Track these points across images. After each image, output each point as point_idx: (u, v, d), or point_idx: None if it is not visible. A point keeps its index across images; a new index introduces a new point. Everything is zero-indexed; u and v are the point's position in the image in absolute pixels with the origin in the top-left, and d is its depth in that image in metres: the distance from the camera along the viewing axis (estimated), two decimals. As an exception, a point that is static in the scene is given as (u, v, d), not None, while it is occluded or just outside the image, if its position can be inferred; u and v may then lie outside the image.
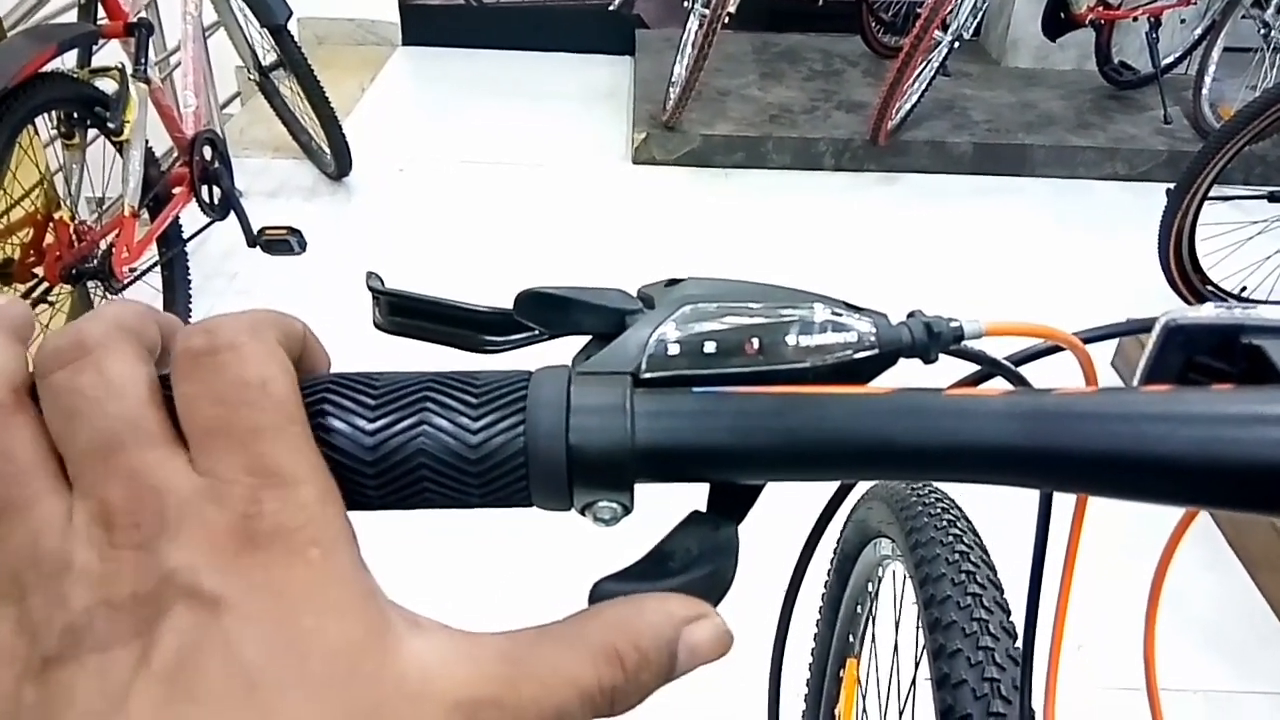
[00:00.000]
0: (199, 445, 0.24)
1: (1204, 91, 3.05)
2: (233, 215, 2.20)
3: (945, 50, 2.86)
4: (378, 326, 0.38)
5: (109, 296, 1.87)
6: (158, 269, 2.02)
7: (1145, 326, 0.37)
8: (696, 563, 0.30)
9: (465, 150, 3.10)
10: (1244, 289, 2.19)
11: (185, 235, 2.10)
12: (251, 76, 2.52)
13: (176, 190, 2.07)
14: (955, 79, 3.26)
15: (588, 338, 0.34)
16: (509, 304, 0.34)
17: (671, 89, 3.03)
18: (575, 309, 0.33)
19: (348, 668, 0.23)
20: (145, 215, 1.95)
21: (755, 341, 0.31)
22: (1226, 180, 2.08)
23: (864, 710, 1.03)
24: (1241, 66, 3.11)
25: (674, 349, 0.31)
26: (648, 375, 0.30)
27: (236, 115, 3.15)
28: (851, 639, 1.10)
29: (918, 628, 0.81)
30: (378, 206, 2.77)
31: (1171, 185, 2.15)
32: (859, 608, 1.08)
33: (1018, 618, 0.75)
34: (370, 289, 0.36)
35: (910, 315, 0.35)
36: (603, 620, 0.27)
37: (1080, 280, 2.55)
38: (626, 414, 0.28)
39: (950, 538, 0.81)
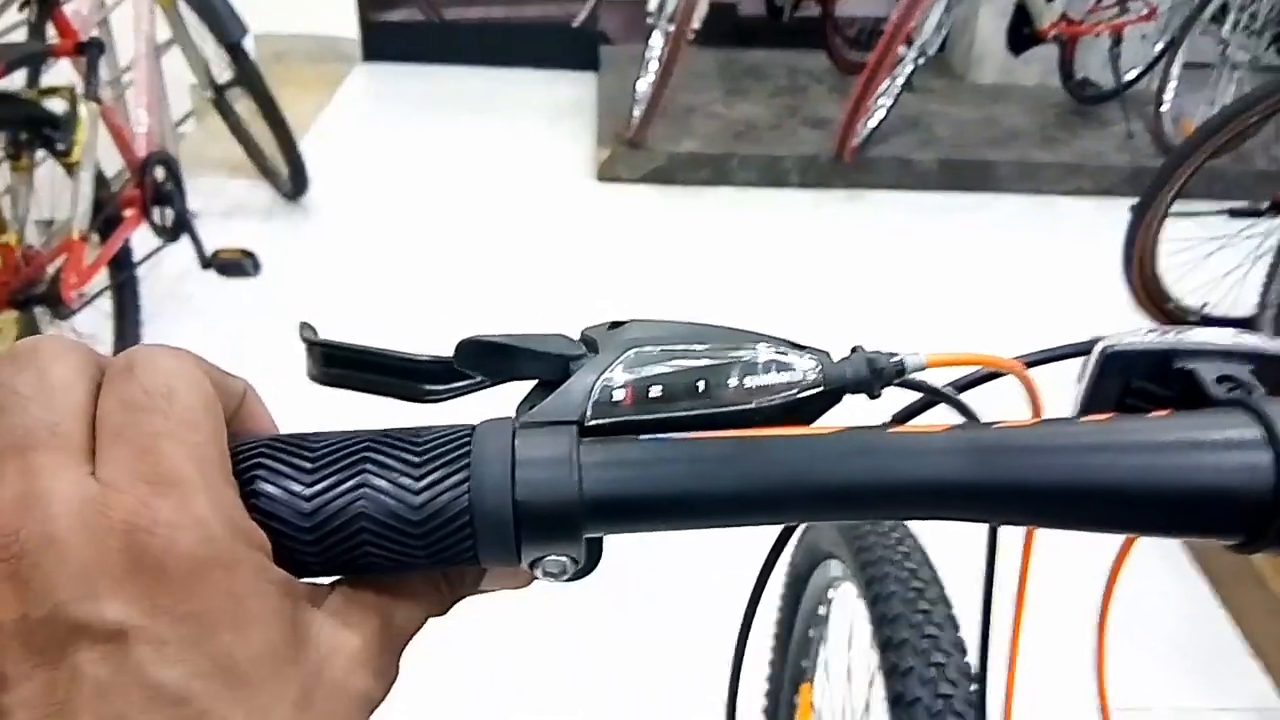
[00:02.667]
0: (101, 452, 0.23)
1: (1165, 107, 3.08)
2: (186, 237, 2.15)
3: (910, 66, 2.86)
4: (312, 378, 0.36)
5: (57, 323, 1.81)
6: (108, 293, 1.96)
7: (1084, 349, 0.38)
8: None
9: (426, 168, 3.06)
10: (1205, 305, 2.20)
11: (136, 259, 2.04)
12: (206, 95, 2.47)
13: (128, 212, 2.01)
14: (920, 94, 3.27)
15: (532, 383, 0.33)
16: (459, 340, 0.33)
17: (636, 106, 3.01)
18: (518, 356, 0.32)
19: (273, 669, 0.23)
20: (95, 238, 1.90)
21: (701, 384, 0.31)
22: (1188, 196, 2.09)
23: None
24: (1202, 82, 3.14)
25: (619, 394, 0.30)
26: (594, 423, 0.30)
27: (191, 133, 3.10)
28: (805, 664, 1.10)
29: (871, 648, 0.81)
30: (335, 227, 2.73)
31: (1135, 202, 2.16)
32: (811, 631, 1.07)
33: (972, 648, 0.74)
34: (304, 340, 0.34)
35: (853, 351, 0.34)
36: None
37: (1046, 297, 2.55)
38: (573, 465, 0.27)
39: (899, 555, 0.81)
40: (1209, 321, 2.19)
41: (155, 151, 2.08)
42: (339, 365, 0.34)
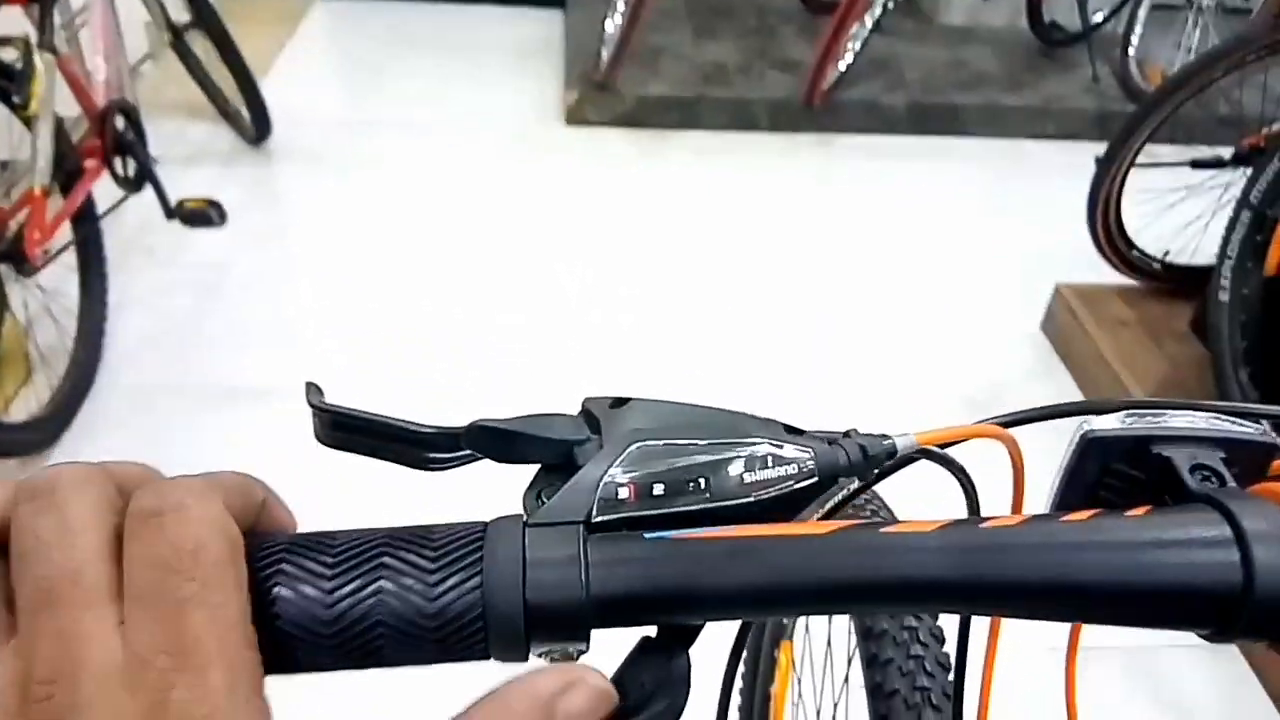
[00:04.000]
0: (130, 611, 0.24)
1: (1131, 51, 3.09)
2: (149, 188, 2.11)
3: (881, 8, 2.84)
4: (319, 440, 0.37)
5: (23, 281, 1.78)
6: (73, 249, 1.93)
7: (1063, 412, 0.41)
8: (652, 699, 0.31)
9: (391, 110, 3.01)
10: (1166, 253, 2.24)
11: (99, 211, 2.00)
12: (164, 38, 2.40)
13: (89, 164, 1.97)
14: (888, 36, 3.25)
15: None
16: (469, 424, 0.34)
17: (604, 47, 2.97)
18: (523, 442, 0.34)
19: None
20: (57, 192, 1.86)
21: (701, 481, 0.32)
22: (1154, 143, 2.11)
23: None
24: (1170, 24, 3.15)
25: (624, 492, 0.32)
26: (600, 519, 0.31)
27: (148, 73, 3.01)
28: (785, 620, 1.12)
29: (850, 634, 0.83)
30: (300, 172, 2.68)
31: (1101, 150, 2.18)
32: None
33: (951, 638, 0.77)
34: (311, 405, 0.35)
35: (845, 435, 0.36)
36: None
37: (1013, 243, 2.58)
38: (580, 565, 0.29)
39: None
40: (1170, 269, 2.23)
41: (115, 100, 2.03)
42: (345, 430, 0.35)
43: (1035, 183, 2.88)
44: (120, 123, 2.04)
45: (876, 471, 0.36)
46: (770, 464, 0.33)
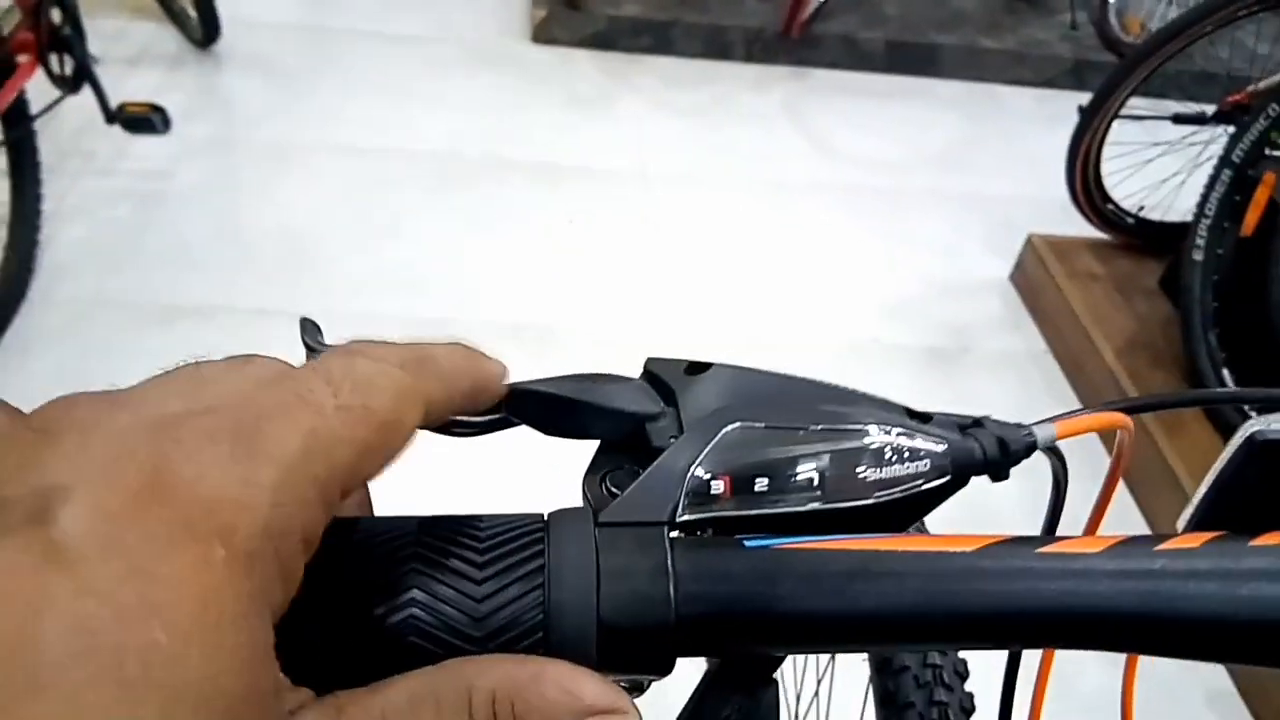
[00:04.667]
0: None
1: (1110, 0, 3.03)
2: (87, 88, 1.97)
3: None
4: None
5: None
6: (3, 151, 1.80)
7: (1208, 399, 0.35)
8: None
9: (347, 17, 2.86)
10: (1140, 209, 2.21)
11: (33, 111, 1.87)
12: (104, -75, 2.24)
13: (21, 59, 1.82)
14: (869, -32, 3.15)
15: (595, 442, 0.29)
16: (510, 385, 0.28)
17: (576, -37, 2.84)
18: (584, 413, 0.28)
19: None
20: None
21: (814, 477, 0.26)
22: (1138, 96, 2.07)
23: None
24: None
25: (717, 486, 0.26)
26: (686, 518, 0.25)
27: (87, -36, 2.82)
28: None
29: None
30: (250, 80, 2.54)
31: (1078, 98, 2.14)
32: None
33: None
34: (306, 346, 0.29)
35: (976, 424, 0.30)
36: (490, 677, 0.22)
37: (985, 190, 2.55)
38: (669, 578, 0.23)
39: None
40: (1143, 225, 2.21)
41: (50, -10, 1.88)
42: None
43: (1009, 129, 2.84)
44: (56, 15, 1.89)
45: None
46: (898, 458, 0.27)
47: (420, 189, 2.24)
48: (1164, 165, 2.16)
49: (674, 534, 0.25)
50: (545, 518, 0.25)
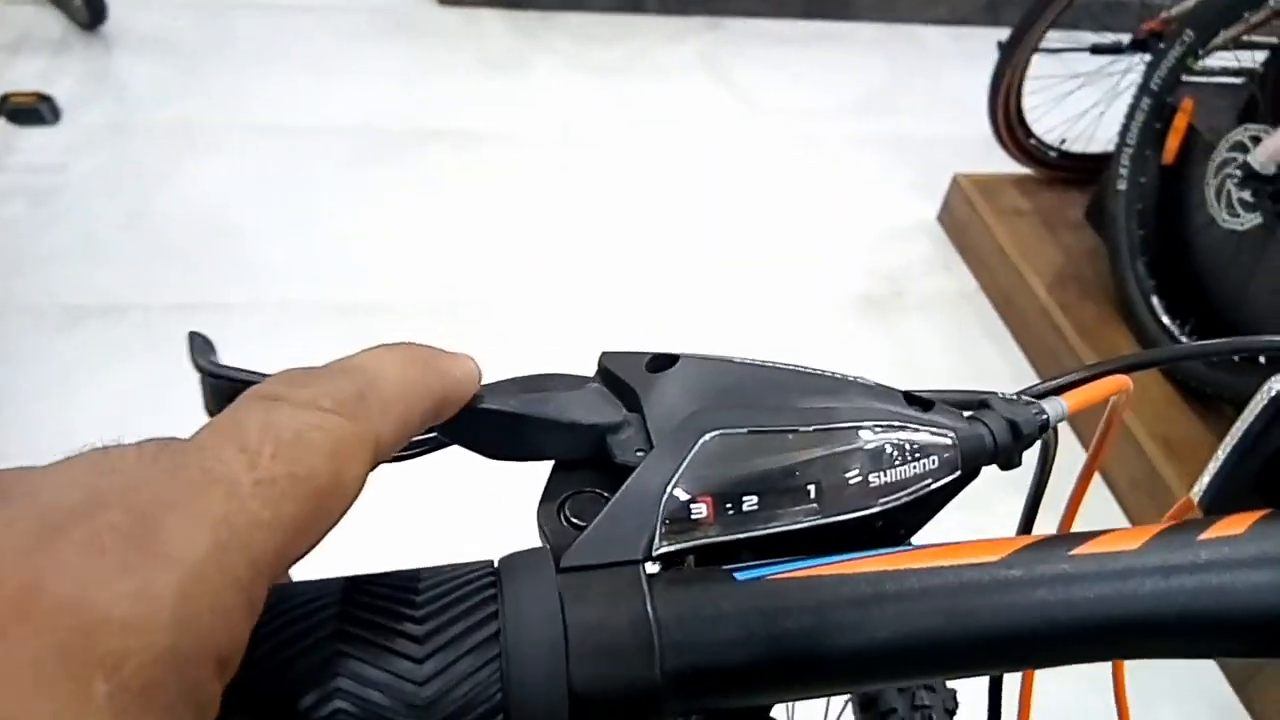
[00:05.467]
0: None
1: (1021, -70, 3.03)
2: (-35, 80, 1.85)
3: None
4: (211, 415, 0.26)
5: None
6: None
7: (1207, 351, 0.33)
8: None
9: (244, -11, 2.73)
10: (1063, 142, 2.22)
11: (-94, 108, 1.75)
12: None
13: (-114, 52, 1.70)
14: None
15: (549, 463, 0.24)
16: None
17: (478, -80, 2.74)
18: (531, 430, 0.23)
19: None
20: None
21: (810, 488, 0.23)
22: (1058, 28, 2.07)
23: None
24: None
25: (699, 508, 0.22)
26: (664, 549, 0.21)
27: (-44, -54, 2.64)
28: None
29: None
30: (142, 61, 2.41)
31: (996, 35, 2.13)
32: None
33: None
34: (198, 368, 0.24)
35: (982, 405, 0.27)
36: None
37: (907, 132, 2.54)
38: (651, 629, 0.19)
39: None
40: (1066, 158, 2.22)
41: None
42: None
43: (928, 69, 2.83)
44: (-78, 3, 1.77)
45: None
46: (902, 457, 0.23)
47: (338, 165, 2.16)
48: (1084, 97, 2.16)
49: (652, 569, 0.21)
50: (496, 565, 0.21)
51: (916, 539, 0.25)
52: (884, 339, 1.94)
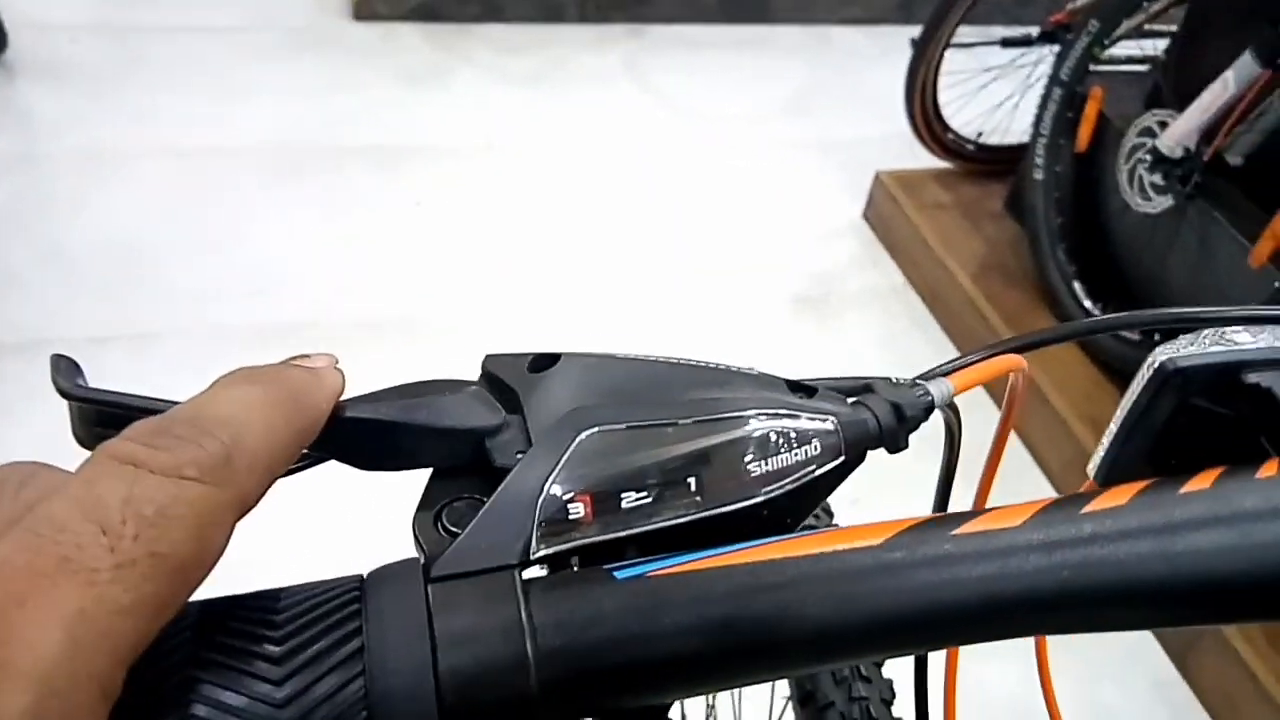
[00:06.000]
0: None
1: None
2: None
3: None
4: (81, 442, 0.24)
5: None
6: None
7: (1069, 334, 0.34)
8: None
9: (149, 11, 2.66)
10: (980, 135, 2.27)
11: None
12: None
13: None
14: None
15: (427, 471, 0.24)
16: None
17: (391, -66, 2.71)
18: (405, 438, 0.23)
19: None
20: None
21: (690, 481, 0.22)
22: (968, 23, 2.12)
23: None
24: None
25: (576, 508, 0.21)
26: (542, 553, 0.21)
27: None
28: None
29: None
30: (47, 88, 2.33)
31: (912, 33, 2.17)
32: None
33: None
34: (62, 393, 0.23)
35: (866, 389, 0.27)
36: None
37: (829, 132, 2.57)
38: (524, 634, 0.19)
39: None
40: (984, 151, 2.27)
41: None
42: (114, 426, 0.22)
43: (846, 70, 2.87)
44: None
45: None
46: (784, 444, 0.23)
47: (255, 185, 2.11)
48: (997, 90, 2.22)
49: (535, 573, 0.21)
50: (363, 579, 0.20)
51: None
52: (817, 337, 1.96)
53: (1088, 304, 1.81)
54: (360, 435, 0.22)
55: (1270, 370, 0.27)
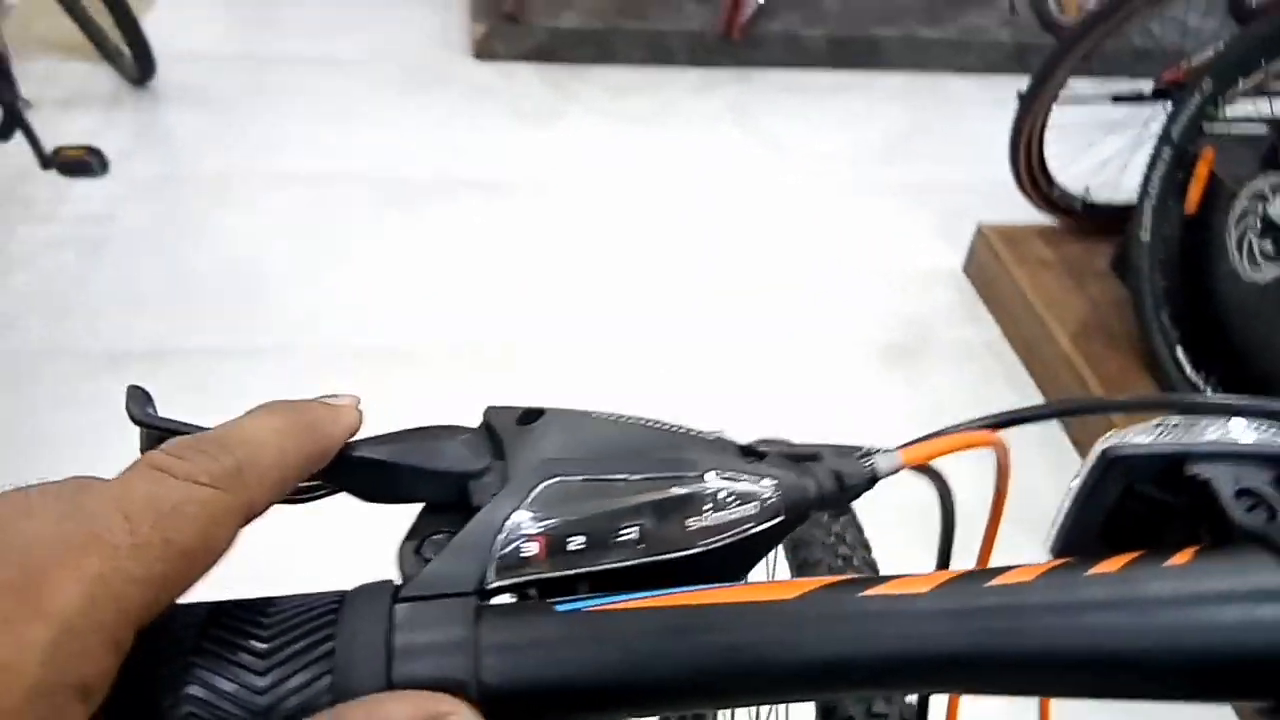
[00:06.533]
0: None
1: (1048, -18, 3.05)
2: (20, 134, 1.94)
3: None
4: None
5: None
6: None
7: (1063, 410, 0.36)
8: None
9: (284, 44, 2.83)
10: (1088, 190, 2.23)
11: (-37, 162, 1.83)
12: (28, -33, 2.20)
13: (-53, 110, 1.79)
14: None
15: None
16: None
17: (513, -24, 2.82)
18: (401, 476, 0.27)
19: None
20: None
21: (634, 530, 0.25)
22: (1078, 76, 2.08)
23: None
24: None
25: (531, 547, 0.25)
26: (497, 584, 0.24)
27: (18, 6, 2.77)
28: None
29: None
30: (188, 115, 2.50)
31: (1020, 83, 2.15)
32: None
33: None
34: (133, 420, 0.27)
35: (813, 458, 0.29)
36: None
37: (934, 181, 2.56)
38: (470, 652, 0.22)
39: (832, 538, 0.76)
40: (1090, 209, 2.23)
41: (-27, 38, 1.85)
42: None
43: (955, 118, 2.85)
44: (-19, 63, 1.86)
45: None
46: (723, 503, 0.26)
47: (369, 213, 2.22)
48: (1107, 146, 2.17)
49: (494, 602, 0.24)
50: (344, 595, 0.24)
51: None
52: (909, 390, 1.94)
53: (1190, 372, 1.75)
54: (364, 471, 0.26)
55: (1214, 462, 0.28)
